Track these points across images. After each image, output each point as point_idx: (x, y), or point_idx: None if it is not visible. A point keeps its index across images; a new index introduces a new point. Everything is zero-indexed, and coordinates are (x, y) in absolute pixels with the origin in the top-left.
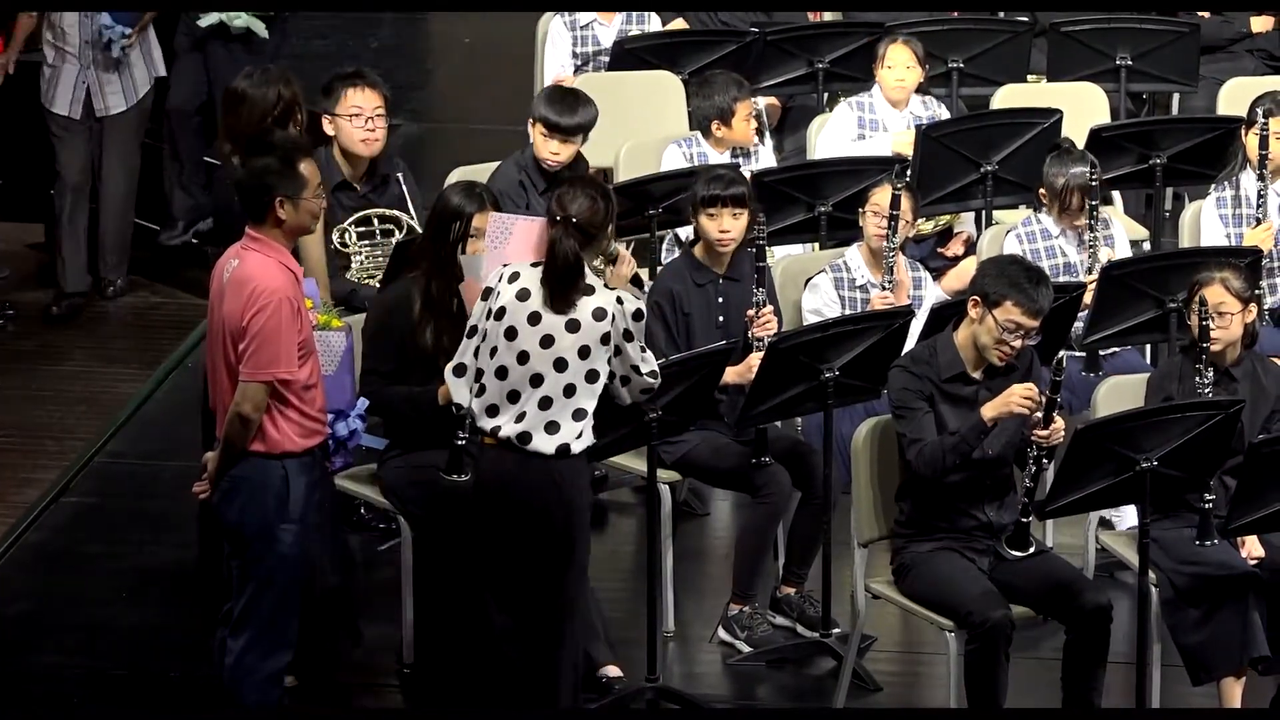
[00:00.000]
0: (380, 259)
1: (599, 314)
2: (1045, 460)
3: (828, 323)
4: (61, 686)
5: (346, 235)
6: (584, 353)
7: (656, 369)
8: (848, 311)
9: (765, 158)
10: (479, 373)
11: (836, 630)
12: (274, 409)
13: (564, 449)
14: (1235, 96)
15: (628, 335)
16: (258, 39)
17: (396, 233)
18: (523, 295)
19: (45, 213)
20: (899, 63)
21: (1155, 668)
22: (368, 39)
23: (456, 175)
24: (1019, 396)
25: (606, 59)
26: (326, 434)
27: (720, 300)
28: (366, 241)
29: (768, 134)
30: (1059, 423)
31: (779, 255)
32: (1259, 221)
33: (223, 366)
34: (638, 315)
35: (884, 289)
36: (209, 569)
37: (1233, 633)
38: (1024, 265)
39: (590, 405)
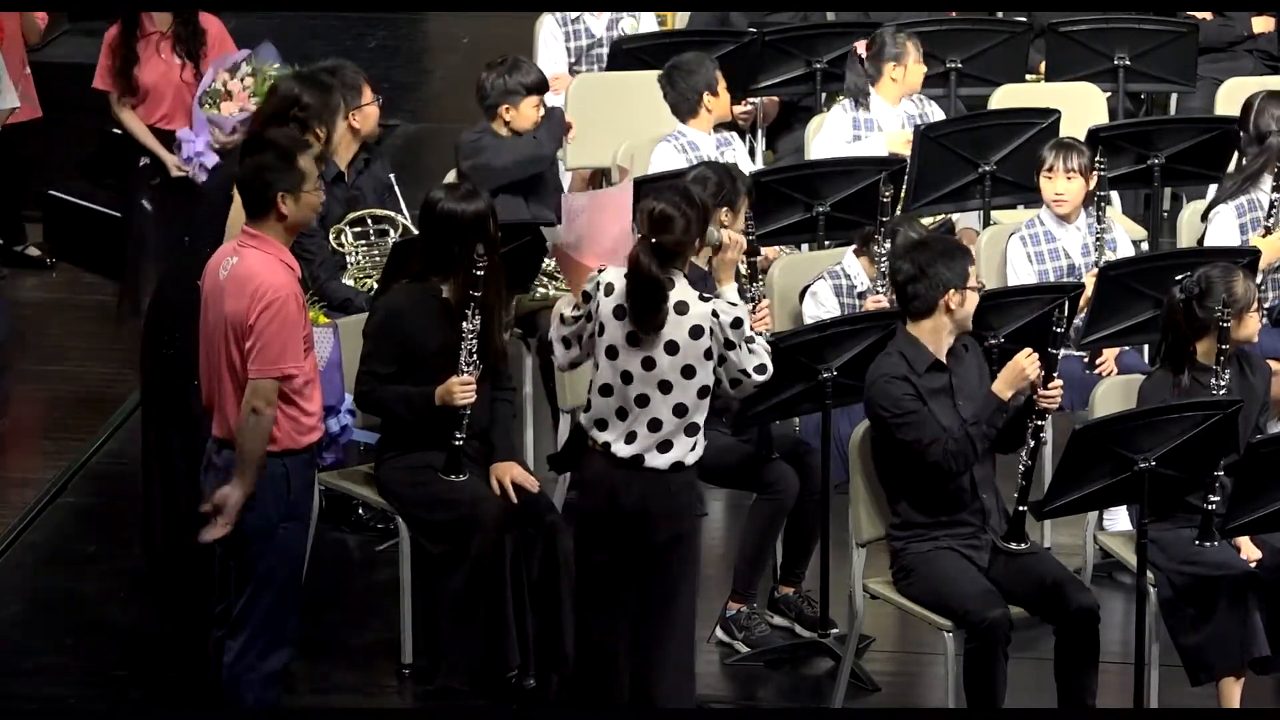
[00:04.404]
0: (376, 257)
1: (696, 332)
2: (1042, 433)
3: (825, 323)
4: (59, 687)
5: (343, 236)
6: (688, 372)
7: (766, 361)
8: None
9: (740, 150)
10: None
11: (834, 630)
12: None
13: (678, 465)
14: (1233, 97)
15: (729, 344)
16: None
17: (391, 232)
18: (619, 313)
19: None
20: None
21: (1154, 668)
22: (365, 39)
23: (454, 176)
24: (1025, 362)
25: (602, 50)
26: (323, 430)
27: None
28: (362, 242)
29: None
30: (1058, 381)
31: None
32: (1269, 230)
33: (222, 365)
34: (736, 324)
35: (877, 291)
36: (204, 569)
37: (1232, 633)
38: (932, 241)
39: (703, 418)
